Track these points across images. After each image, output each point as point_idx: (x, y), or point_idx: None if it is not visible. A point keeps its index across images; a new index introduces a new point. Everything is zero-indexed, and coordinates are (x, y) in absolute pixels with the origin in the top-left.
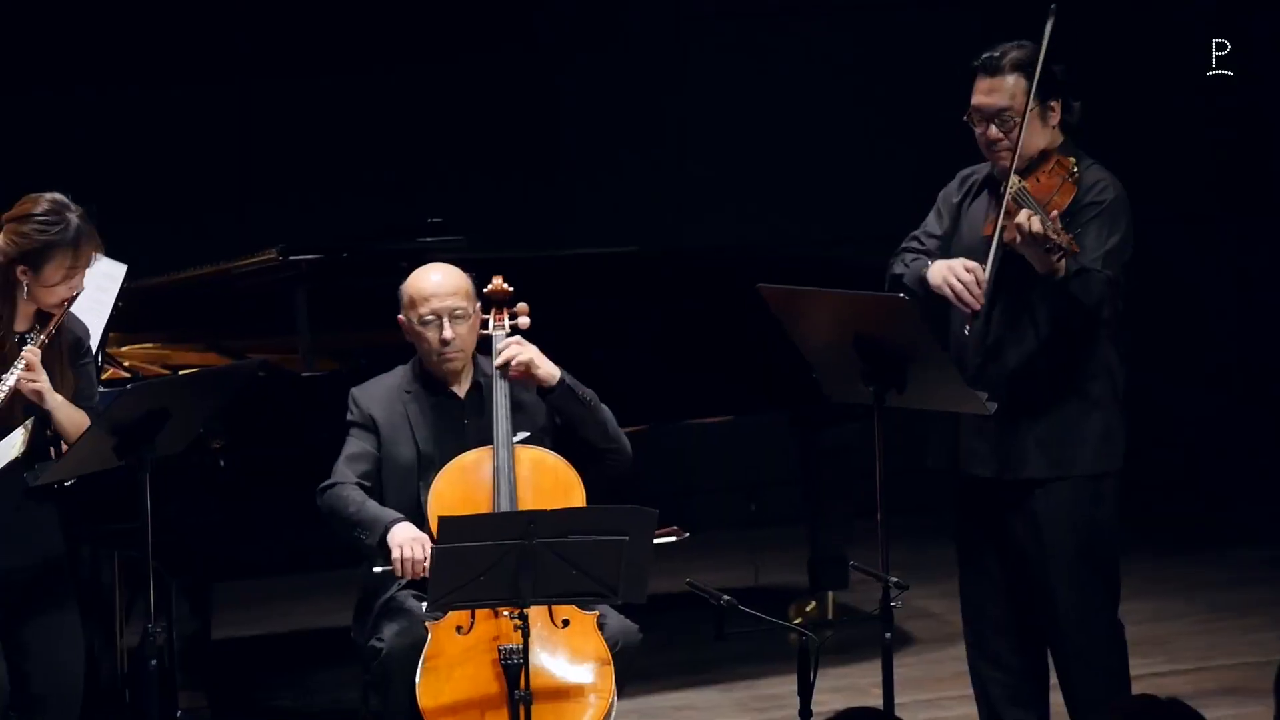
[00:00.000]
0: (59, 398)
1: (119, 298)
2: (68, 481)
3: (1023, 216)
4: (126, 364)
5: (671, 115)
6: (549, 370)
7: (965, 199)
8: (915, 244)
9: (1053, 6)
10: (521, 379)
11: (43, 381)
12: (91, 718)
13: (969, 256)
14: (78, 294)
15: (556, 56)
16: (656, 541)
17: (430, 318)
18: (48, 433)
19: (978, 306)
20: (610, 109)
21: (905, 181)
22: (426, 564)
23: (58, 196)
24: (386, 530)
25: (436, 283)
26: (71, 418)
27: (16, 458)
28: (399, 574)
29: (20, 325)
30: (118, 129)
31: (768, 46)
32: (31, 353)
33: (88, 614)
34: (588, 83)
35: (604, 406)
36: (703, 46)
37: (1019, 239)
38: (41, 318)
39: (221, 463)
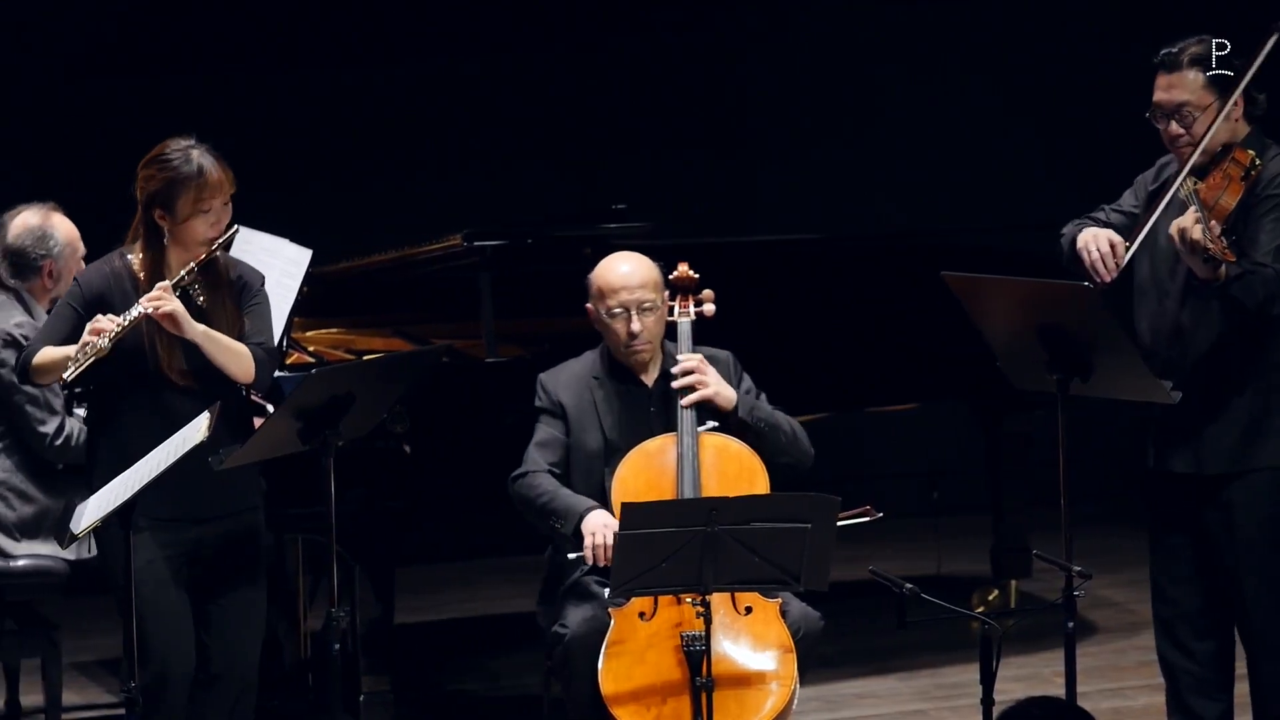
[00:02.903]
0: (201, 328)
1: (304, 283)
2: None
3: (1186, 219)
4: (311, 349)
5: (858, 100)
6: (726, 397)
7: (1161, 188)
8: (1100, 214)
9: (1276, 25)
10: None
11: (174, 305)
12: (275, 701)
13: (1156, 246)
14: (228, 234)
15: (744, 40)
16: (848, 522)
17: (619, 310)
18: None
19: (1107, 279)
20: (797, 94)
21: (1096, 170)
22: None
23: (183, 138)
24: (581, 518)
25: (625, 274)
26: (222, 349)
27: (201, 442)
28: (589, 561)
29: (178, 274)
30: (301, 111)
31: (954, 31)
32: (159, 288)
33: (271, 598)
34: (774, 67)
35: (780, 418)
36: (887, 30)
37: (1178, 243)
38: (205, 269)
39: (405, 448)
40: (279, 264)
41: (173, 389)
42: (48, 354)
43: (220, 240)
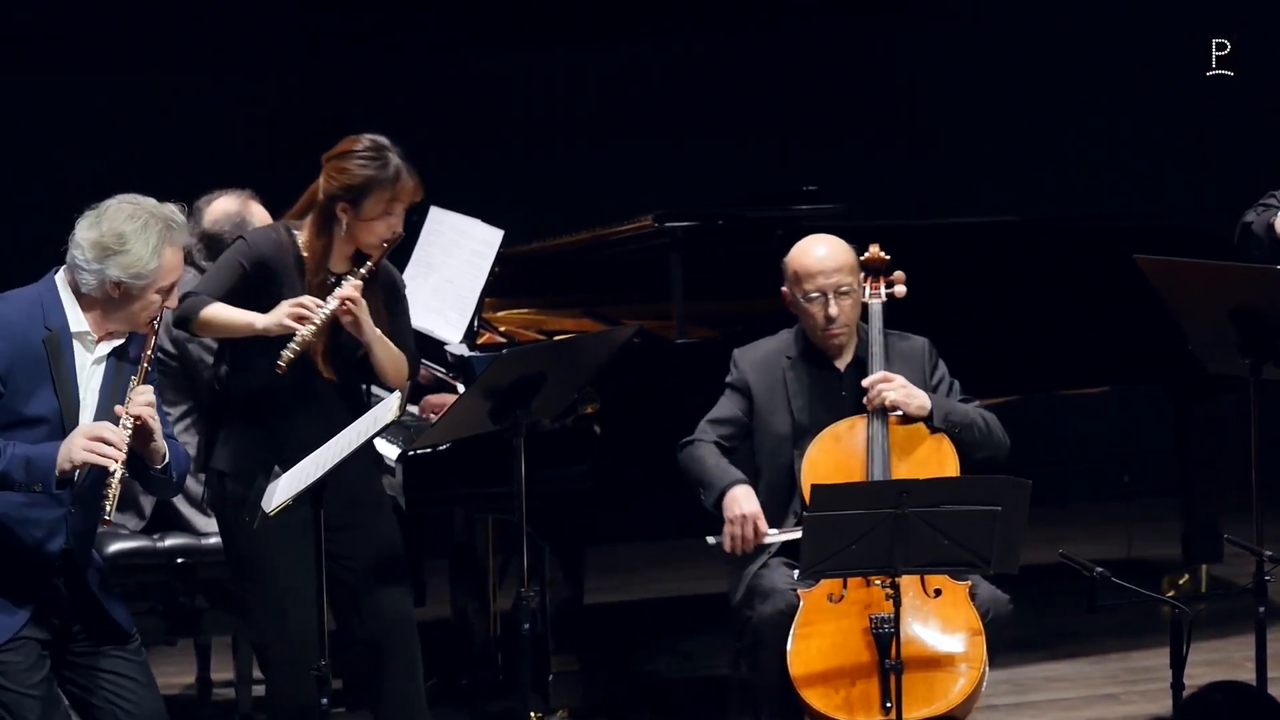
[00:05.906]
0: (377, 331)
1: (495, 263)
2: (441, 446)
3: None
4: (502, 329)
5: (1050, 82)
6: (919, 405)
7: None
8: (1272, 200)
9: None
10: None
11: (362, 312)
12: (465, 680)
13: None
14: (398, 238)
15: (937, 22)
16: None
17: (815, 295)
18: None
19: None
20: (988, 75)
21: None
22: (754, 545)
23: (379, 137)
24: (723, 493)
25: (821, 258)
26: (389, 355)
27: (392, 422)
28: (726, 549)
29: (338, 266)
30: (493, 91)
31: (1143, 12)
32: (353, 285)
33: (461, 578)
34: (965, 51)
35: (974, 414)
36: (1081, 11)
37: None
38: (359, 260)
39: (596, 429)
40: (470, 244)
41: (319, 377)
42: (220, 311)
43: (393, 244)
